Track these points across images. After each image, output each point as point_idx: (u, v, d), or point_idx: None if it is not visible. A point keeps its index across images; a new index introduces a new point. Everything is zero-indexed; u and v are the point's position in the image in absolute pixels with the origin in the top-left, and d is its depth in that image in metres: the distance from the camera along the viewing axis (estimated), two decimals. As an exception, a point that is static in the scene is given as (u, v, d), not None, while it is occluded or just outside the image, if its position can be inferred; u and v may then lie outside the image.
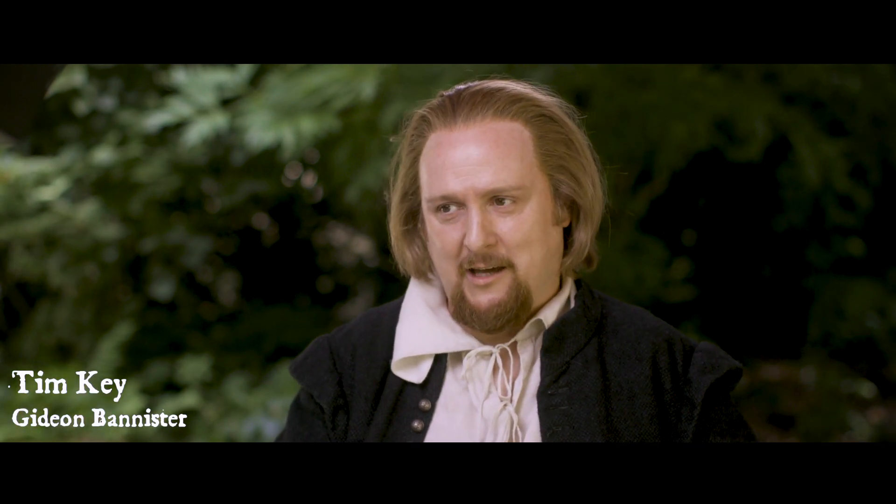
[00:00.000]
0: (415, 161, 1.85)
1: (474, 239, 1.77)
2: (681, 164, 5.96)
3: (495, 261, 1.79)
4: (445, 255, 1.81)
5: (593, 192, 1.85)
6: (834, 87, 5.40)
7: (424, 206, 1.84)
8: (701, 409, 1.82)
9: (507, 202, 1.78)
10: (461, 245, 1.79)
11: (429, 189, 1.81)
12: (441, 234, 1.81)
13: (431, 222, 1.82)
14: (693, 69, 5.04)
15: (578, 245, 1.86)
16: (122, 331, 5.66)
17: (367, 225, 6.71)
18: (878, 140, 6.54)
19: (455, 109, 1.81)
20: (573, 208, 1.85)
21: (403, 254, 1.90)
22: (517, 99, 1.82)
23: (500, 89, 1.83)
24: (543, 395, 1.81)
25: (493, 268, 1.79)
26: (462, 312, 1.82)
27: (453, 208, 1.79)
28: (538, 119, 1.82)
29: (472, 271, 1.80)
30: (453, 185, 1.78)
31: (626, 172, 5.59)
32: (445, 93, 1.86)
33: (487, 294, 1.80)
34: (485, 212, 1.78)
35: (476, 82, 1.86)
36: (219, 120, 4.90)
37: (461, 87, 1.86)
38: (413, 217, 1.88)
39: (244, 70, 5.08)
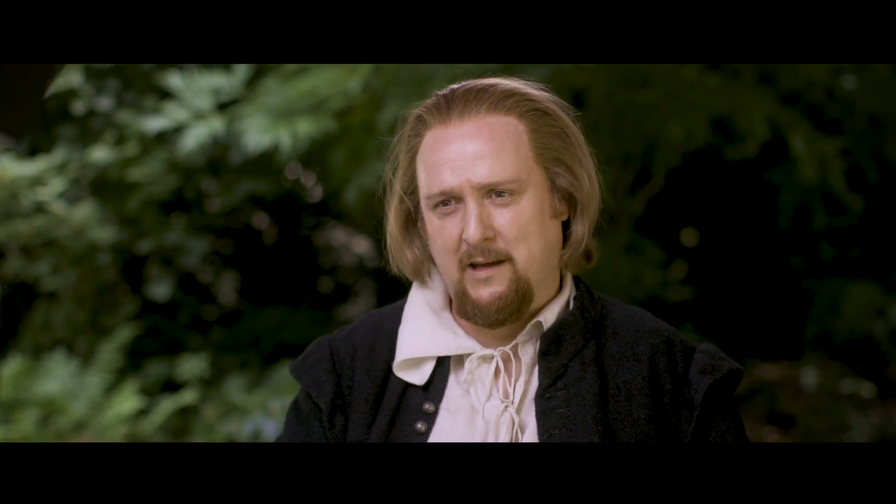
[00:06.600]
0: (412, 160, 1.86)
1: (472, 232, 1.77)
2: (677, 163, 5.96)
3: (494, 254, 1.79)
4: (445, 251, 1.81)
5: (589, 184, 1.85)
6: (830, 86, 5.40)
7: (423, 204, 1.84)
8: (700, 411, 1.82)
9: (504, 195, 1.79)
10: (460, 239, 1.80)
11: (427, 186, 1.82)
12: (440, 230, 1.81)
13: (431, 220, 1.83)
14: (691, 69, 5.04)
15: (576, 238, 1.86)
16: (124, 333, 5.66)
17: (367, 225, 6.71)
18: (875, 140, 6.54)
19: (449, 106, 1.82)
20: (571, 201, 1.86)
21: (403, 254, 1.90)
22: (510, 94, 1.83)
23: (493, 85, 1.84)
24: (541, 398, 1.81)
25: (492, 261, 1.79)
26: (464, 308, 1.82)
27: (451, 203, 1.80)
28: (532, 113, 1.83)
29: (473, 266, 1.80)
30: (450, 180, 1.79)
31: (618, 172, 5.59)
32: (440, 92, 1.87)
33: (488, 287, 1.80)
34: (482, 205, 1.79)
35: (470, 80, 1.87)
36: (216, 124, 4.90)
37: (455, 85, 1.87)
38: (413, 217, 1.89)
39: (240, 73, 5.08)
